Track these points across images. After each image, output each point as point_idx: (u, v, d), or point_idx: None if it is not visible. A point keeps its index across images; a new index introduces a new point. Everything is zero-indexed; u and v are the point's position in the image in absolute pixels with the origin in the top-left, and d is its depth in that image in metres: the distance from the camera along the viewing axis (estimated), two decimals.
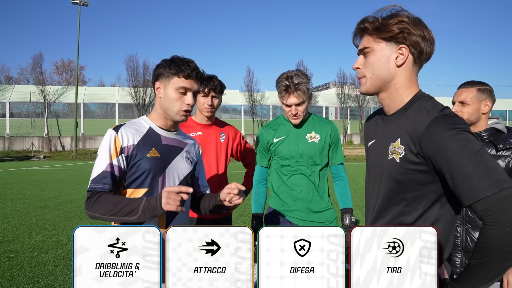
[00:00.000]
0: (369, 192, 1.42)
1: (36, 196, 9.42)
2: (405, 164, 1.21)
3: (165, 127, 1.77)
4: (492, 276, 1.07)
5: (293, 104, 2.27)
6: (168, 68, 1.69)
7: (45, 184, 12.05)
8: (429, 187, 1.20)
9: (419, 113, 1.21)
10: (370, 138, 1.45)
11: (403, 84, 1.28)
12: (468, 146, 1.09)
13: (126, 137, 1.65)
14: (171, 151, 1.75)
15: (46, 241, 5.42)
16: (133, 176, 1.65)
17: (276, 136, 2.42)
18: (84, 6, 32.34)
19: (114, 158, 1.61)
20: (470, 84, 2.09)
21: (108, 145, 1.62)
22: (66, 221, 6.70)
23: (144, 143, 1.68)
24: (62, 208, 7.91)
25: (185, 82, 1.68)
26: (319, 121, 2.46)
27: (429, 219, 1.22)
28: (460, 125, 1.13)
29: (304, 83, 2.26)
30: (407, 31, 1.22)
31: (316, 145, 2.37)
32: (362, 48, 1.31)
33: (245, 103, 36.33)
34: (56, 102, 34.29)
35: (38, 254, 4.81)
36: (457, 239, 2.08)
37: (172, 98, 1.69)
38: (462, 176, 1.07)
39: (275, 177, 2.45)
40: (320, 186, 2.40)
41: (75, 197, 9.26)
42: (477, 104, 2.04)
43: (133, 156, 1.64)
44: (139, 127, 1.72)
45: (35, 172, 16.77)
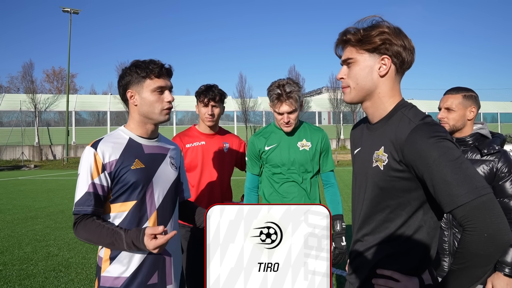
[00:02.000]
0: (355, 199, 1.44)
1: (26, 207, 9.30)
2: (388, 172, 1.24)
3: (145, 135, 1.72)
4: (472, 280, 1.10)
5: (285, 112, 2.29)
6: (136, 73, 1.64)
7: (35, 194, 11.91)
8: (412, 194, 1.22)
9: (401, 121, 1.25)
10: (356, 146, 1.48)
11: (386, 93, 1.31)
12: (448, 154, 1.11)
13: (107, 152, 1.59)
14: (155, 160, 1.71)
15: (36, 253, 5.34)
16: (120, 190, 1.60)
17: (267, 144, 2.44)
18: (75, 14, 32.25)
19: (96, 177, 1.56)
20: (455, 90, 2.12)
21: (88, 164, 1.57)
22: (57, 231, 6.63)
23: (126, 156, 1.62)
24: (53, 218, 7.81)
25: (159, 81, 1.65)
26: (310, 129, 2.49)
27: (412, 225, 1.25)
28: (440, 133, 1.15)
29: (296, 91, 2.28)
30: (388, 42, 1.26)
31: (308, 152, 2.39)
32: (345, 59, 1.34)
33: (238, 110, 36.38)
34: (47, 111, 34.01)
35: (28, 266, 4.75)
36: (445, 243, 2.11)
37: (151, 101, 1.64)
38: (442, 183, 1.10)
39: (267, 185, 2.46)
40: (312, 193, 2.41)
41: (66, 207, 9.16)
42: (463, 110, 2.08)
43: (117, 171, 1.59)
44: (118, 139, 1.66)
45: (26, 182, 16.56)
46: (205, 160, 2.63)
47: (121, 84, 1.70)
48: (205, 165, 2.63)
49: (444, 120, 2.11)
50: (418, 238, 1.25)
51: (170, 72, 1.71)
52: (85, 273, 4.48)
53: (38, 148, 32.34)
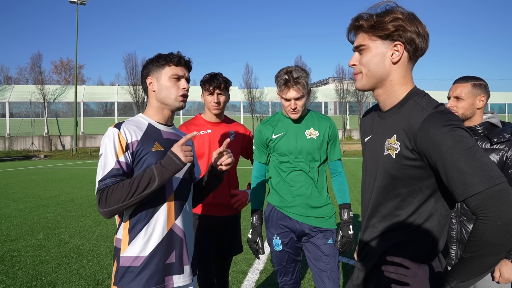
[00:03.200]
0: (365, 187, 1.44)
1: (37, 195, 9.45)
2: (400, 160, 1.23)
3: (163, 121, 1.80)
4: (484, 268, 1.10)
5: (292, 98, 2.28)
6: (156, 62, 1.75)
7: (46, 183, 12.08)
8: (424, 182, 1.22)
9: (414, 109, 1.23)
10: (367, 134, 1.46)
11: (398, 80, 1.29)
12: (462, 143, 1.10)
13: (129, 133, 1.65)
14: (172, 144, 1.75)
15: (48, 240, 5.45)
16: (141, 170, 1.65)
17: (275, 133, 2.43)
18: (82, 5, 32.23)
19: (121, 155, 1.61)
20: (465, 79, 2.10)
21: (112, 143, 1.61)
22: (67, 219, 6.74)
23: (147, 138, 1.69)
24: (64, 206, 7.94)
25: (177, 69, 1.74)
26: (318, 118, 2.47)
27: (423, 213, 1.24)
28: (454, 121, 1.14)
29: (303, 78, 2.27)
30: (402, 28, 1.23)
31: (315, 141, 2.38)
32: (357, 46, 1.32)
33: (244, 100, 36.31)
34: (56, 102, 34.25)
35: (41, 253, 4.85)
36: (452, 231, 2.11)
37: (167, 86, 1.73)
38: (456, 171, 1.09)
39: (274, 174, 2.46)
40: (319, 182, 2.41)
41: (76, 196, 9.29)
42: (472, 99, 2.06)
43: (138, 152, 1.65)
44: (139, 124, 1.74)
45: (36, 171, 16.79)
46: (211, 148, 2.64)
47: (143, 73, 1.80)
48: (211, 153, 2.63)
49: (453, 109, 2.09)
50: (429, 226, 1.25)
51: (189, 64, 1.81)
52: (96, 260, 4.56)
53: (48, 138, 32.67)
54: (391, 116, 1.31)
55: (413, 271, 1.23)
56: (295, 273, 2.46)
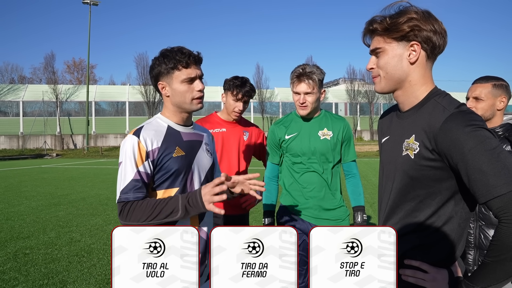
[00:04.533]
0: (382, 188, 1.42)
1: (49, 194, 9.57)
2: (419, 161, 1.21)
3: (182, 122, 1.74)
4: (507, 274, 1.06)
5: (302, 92, 2.27)
6: (164, 64, 1.63)
7: (58, 181, 12.24)
8: (443, 183, 1.19)
9: (434, 109, 1.21)
10: (384, 135, 1.45)
11: (418, 80, 1.28)
12: (485, 143, 1.08)
13: (149, 140, 1.61)
14: (193, 147, 1.74)
15: (60, 238, 5.51)
16: (163, 177, 1.63)
17: (288, 133, 2.41)
18: (95, 6, 32.65)
19: (140, 165, 1.57)
20: (485, 79, 2.04)
21: (131, 152, 1.58)
22: (79, 218, 6.80)
23: (168, 144, 1.64)
24: (75, 205, 8.02)
25: (188, 71, 1.63)
26: (331, 118, 2.45)
27: (442, 216, 1.22)
28: (477, 121, 1.12)
29: (317, 74, 2.27)
30: (417, 28, 1.21)
31: (329, 142, 2.35)
32: (373, 49, 1.31)
33: (255, 100, 36.31)
34: (68, 101, 34.77)
35: (53, 251, 4.90)
36: (470, 236, 2.05)
37: (181, 92, 1.65)
38: (478, 173, 1.06)
39: (287, 175, 2.44)
40: (333, 184, 2.38)
41: (87, 195, 9.39)
42: (492, 100, 2.00)
43: (159, 159, 1.61)
44: (158, 127, 1.68)
45: (48, 170, 17.05)
46: (224, 147, 2.65)
47: (152, 75, 1.71)
48: (224, 152, 2.65)
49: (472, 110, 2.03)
50: (448, 229, 1.22)
51: (199, 59, 1.69)
52: (106, 259, 4.58)
53: (60, 137, 33.17)
54: (410, 116, 1.29)
55: (431, 275, 1.20)
56: (307, 275, 2.43)
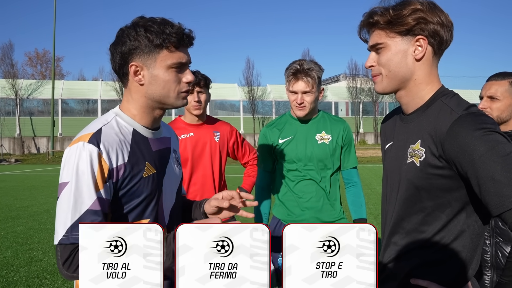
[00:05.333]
0: (386, 199, 1.43)
1: (6, 206, 9.40)
2: (426, 169, 1.23)
3: (150, 125, 1.43)
4: None
5: (299, 92, 2.28)
6: (147, 39, 1.29)
7: (17, 191, 12.05)
8: (453, 194, 1.21)
9: (441, 111, 1.23)
10: (388, 140, 1.47)
11: (423, 79, 1.30)
12: (498, 149, 1.09)
13: (113, 153, 1.28)
14: (163, 158, 1.47)
15: (18, 257, 5.40)
16: (129, 206, 1.34)
17: (281, 137, 2.42)
18: None
19: (101, 188, 1.24)
20: (501, 76, 2.07)
21: (89, 170, 1.23)
22: (41, 233, 6.70)
23: (136, 158, 1.34)
24: (37, 218, 7.90)
25: (179, 54, 1.33)
26: (330, 120, 2.46)
27: (453, 229, 1.24)
28: (488, 124, 1.13)
29: (315, 71, 2.29)
30: (423, 21, 1.23)
31: (327, 146, 2.37)
32: (374, 44, 1.32)
33: (244, 99, 36.39)
34: (30, 98, 34.35)
35: (8, 273, 4.80)
36: (486, 254, 2.07)
37: (165, 81, 1.33)
38: (490, 182, 1.07)
39: (281, 183, 2.45)
40: (331, 193, 2.39)
41: (51, 206, 9.25)
42: (509, 99, 2.03)
43: (125, 180, 1.31)
44: (121, 134, 1.35)
45: (6, 177, 16.78)
46: (195, 153, 2.71)
47: (119, 50, 1.32)
48: (195, 158, 2.71)
49: (486, 110, 2.06)
50: (460, 245, 1.24)
51: (192, 40, 1.39)
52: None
53: (20, 140, 32.72)
54: (415, 119, 1.32)
55: None
56: None
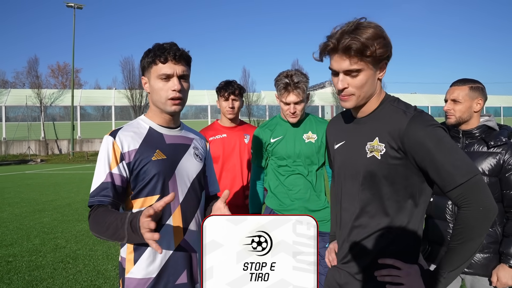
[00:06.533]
0: (341, 192, 1.45)
1: (33, 200, 9.37)
2: (386, 160, 1.30)
3: (165, 124, 1.61)
4: (471, 252, 1.20)
5: (292, 103, 2.29)
6: (146, 58, 1.54)
7: (42, 187, 11.99)
8: (409, 180, 1.29)
9: (394, 113, 1.32)
10: (338, 140, 1.50)
11: (378, 92, 1.38)
12: (444, 140, 1.23)
13: (125, 142, 1.49)
14: (178, 150, 1.59)
15: (45, 245, 5.40)
16: (141, 183, 1.49)
17: (273, 136, 2.43)
18: (79, 9, 32.21)
19: (114, 167, 1.46)
20: (462, 82, 2.10)
21: (106, 153, 1.47)
22: (64, 224, 6.68)
23: (147, 146, 1.52)
24: (60, 211, 7.87)
25: (165, 68, 1.50)
26: (316, 121, 2.48)
27: (409, 211, 1.31)
28: (435, 121, 1.28)
29: (303, 82, 2.29)
30: (390, 48, 1.29)
31: (313, 145, 2.38)
32: (350, 70, 1.28)
33: None
34: (52, 106, 34.10)
35: (37, 258, 4.80)
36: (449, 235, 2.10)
37: (156, 89, 1.52)
38: (444, 165, 1.20)
39: (273, 178, 2.46)
40: (317, 186, 2.41)
41: (72, 200, 9.22)
42: (469, 102, 2.05)
43: (136, 162, 1.48)
44: (138, 129, 1.56)
45: (33, 175, 16.68)
46: (225, 152, 2.77)
47: (140, 68, 1.63)
48: (226, 157, 2.77)
49: (450, 112, 2.09)
50: (414, 223, 1.32)
51: (181, 56, 1.53)
52: (92, 265, 4.52)
53: (44, 142, 32.50)
54: (368, 121, 1.38)
55: (405, 271, 1.28)
56: None
